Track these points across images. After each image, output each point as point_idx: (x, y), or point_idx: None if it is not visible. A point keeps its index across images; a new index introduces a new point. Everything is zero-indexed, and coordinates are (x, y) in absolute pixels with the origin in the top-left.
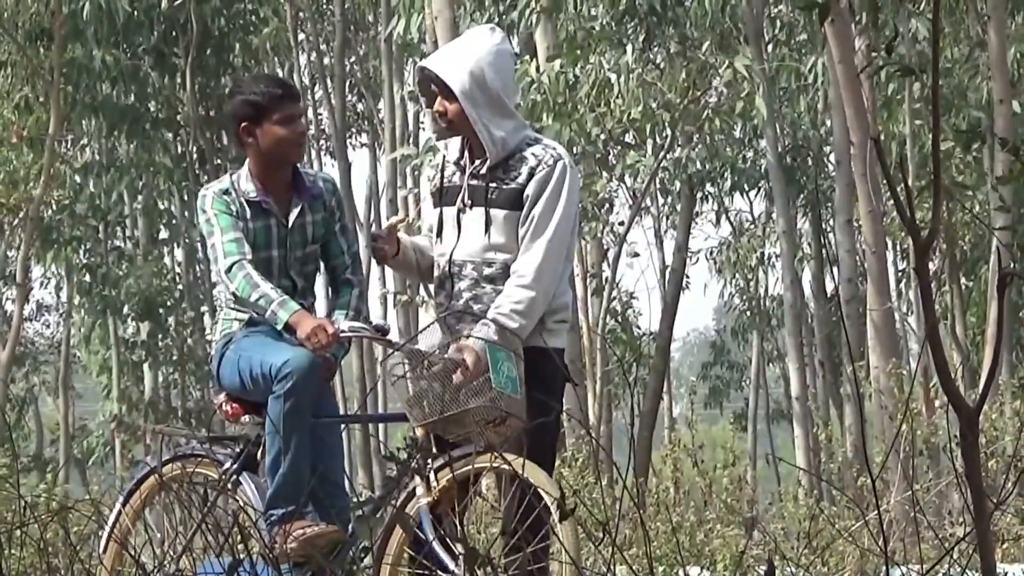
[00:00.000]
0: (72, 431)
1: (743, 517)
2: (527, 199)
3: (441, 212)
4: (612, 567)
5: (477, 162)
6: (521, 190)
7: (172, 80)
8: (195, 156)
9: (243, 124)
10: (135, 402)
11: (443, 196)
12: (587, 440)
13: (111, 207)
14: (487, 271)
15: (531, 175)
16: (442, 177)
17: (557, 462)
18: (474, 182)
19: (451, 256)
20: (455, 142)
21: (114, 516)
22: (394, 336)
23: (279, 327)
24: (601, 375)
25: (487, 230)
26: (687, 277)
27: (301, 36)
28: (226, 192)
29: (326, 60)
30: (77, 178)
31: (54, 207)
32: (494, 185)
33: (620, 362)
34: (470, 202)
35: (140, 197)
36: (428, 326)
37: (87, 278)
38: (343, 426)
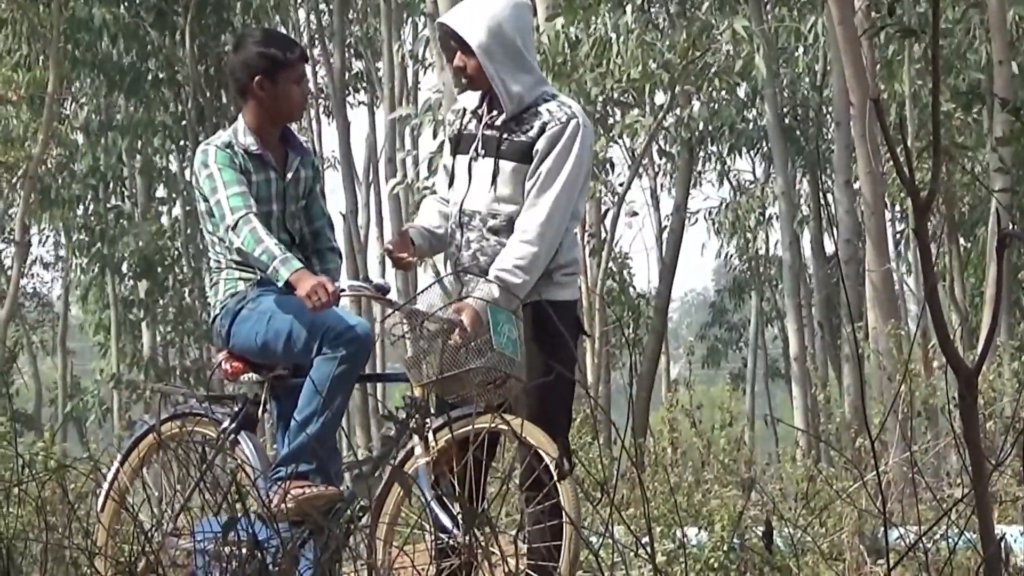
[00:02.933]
0: (69, 390)
1: (741, 478)
2: (536, 154)
3: (455, 160)
4: (610, 527)
5: (494, 113)
6: (532, 144)
7: (172, 39)
8: (194, 115)
9: (258, 77)
10: (134, 361)
11: (459, 144)
12: (586, 400)
13: (110, 166)
14: (492, 223)
15: (543, 130)
16: (461, 125)
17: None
18: (488, 132)
19: (462, 205)
20: (474, 93)
21: (112, 474)
22: (393, 296)
23: (279, 284)
24: (600, 335)
25: (494, 181)
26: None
27: None
28: (228, 146)
29: (325, 19)
30: (76, 137)
31: (53, 166)
32: (506, 137)
33: (618, 322)
34: (483, 152)
35: (139, 156)
36: (429, 286)
37: (85, 237)
38: None
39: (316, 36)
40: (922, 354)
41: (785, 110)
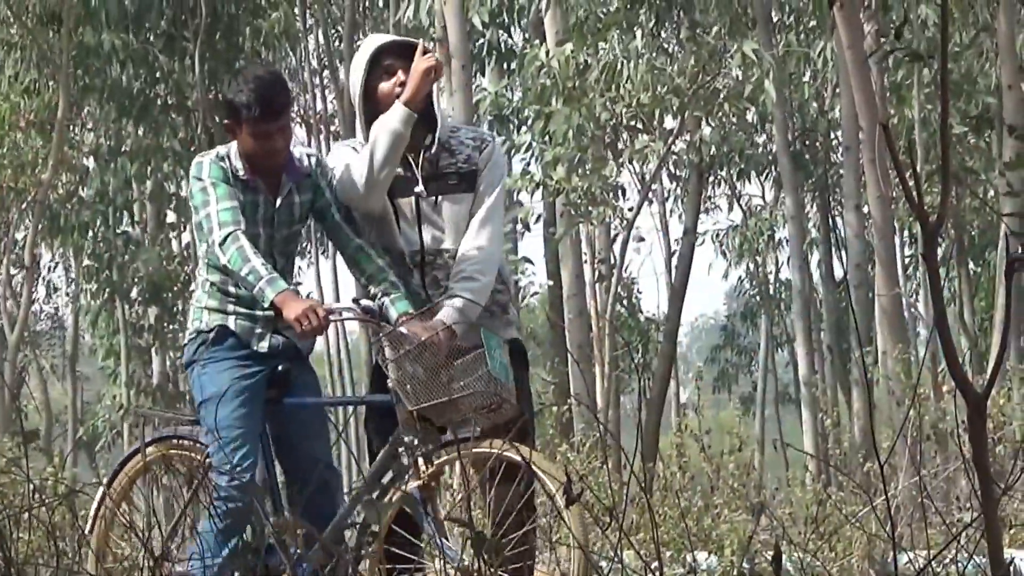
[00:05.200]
0: (79, 415)
1: (750, 502)
2: (479, 173)
3: (392, 203)
4: (620, 552)
5: (425, 150)
6: (475, 169)
7: (181, 64)
8: (204, 140)
9: (226, 121)
10: (143, 387)
11: (392, 187)
12: (595, 425)
13: (119, 191)
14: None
15: (480, 151)
16: None
17: (564, 447)
18: (427, 170)
19: (422, 246)
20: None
21: (98, 499)
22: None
23: (265, 304)
24: (609, 360)
25: (460, 215)
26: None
27: (310, 20)
28: (222, 159)
29: (335, 45)
30: (86, 162)
31: (62, 191)
32: (450, 171)
33: (627, 346)
34: (430, 188)
35: (148, 182)
36: (425, 309)
37: (94, 263)
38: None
39: (325, 60)
40: (931, 378)
41: (795, 134)
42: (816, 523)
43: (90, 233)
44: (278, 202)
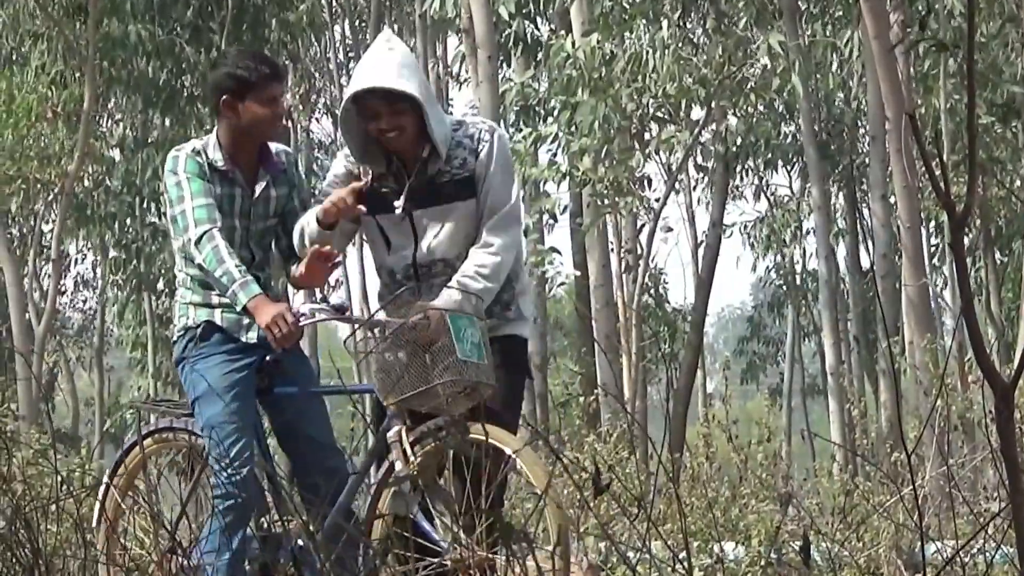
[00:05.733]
0: (107, 407)
1: (778, 492)
2: (480, 178)
3: (377, 220)
4: (647, 542)
5: (422, 163)
6: (471, 174)
7: (208, 56)
8: None
9: (224, 97)
10: (170, 378)
11: (376, 205)
12: (622, 415)
13: (145, 183)
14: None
15: (476, 154)
16: (367, 189)
17: (592, 437)
18: (417, 182)
19: (414, 259)
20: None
21: (102, 491)
22: (357, 311)
23: (238, 308)
24: (636, 351)
25: (459, 225)
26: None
27: (336, 11)
28: (197, 154)
29: (361, 36)
30: (112, 153)
31: (89, 183)
32: (446, 180)
33: (654, 337)
34: (421, 202)
35: None
36: (391, 299)
37: (121, 255)
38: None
39: (352, 53)
40: (958, 368)
41: (821, 124)
42: (844, 513)
43: (116, 224)
44: (255, 194)
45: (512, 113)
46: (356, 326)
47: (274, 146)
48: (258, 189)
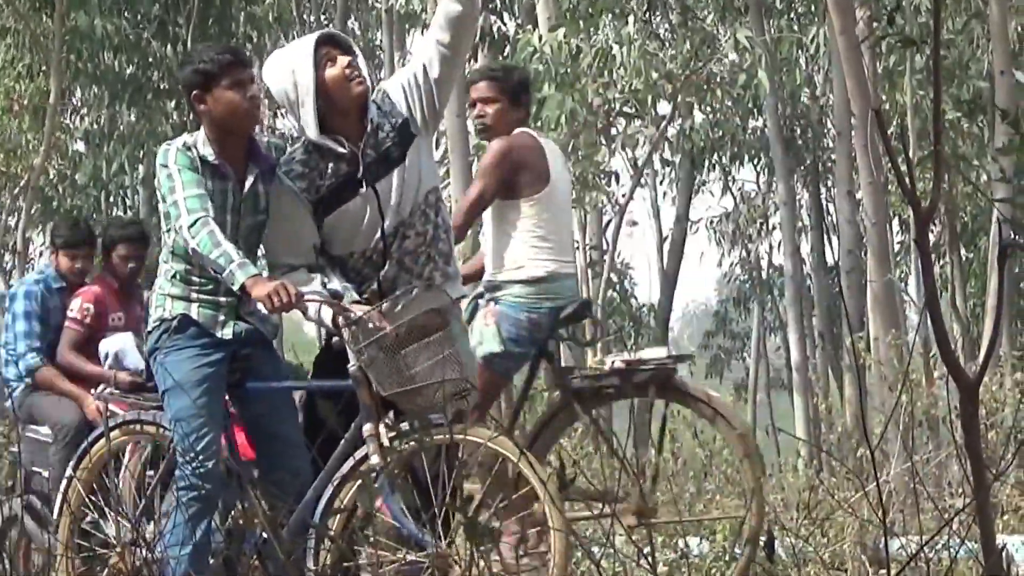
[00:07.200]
0: None
1: (742, 488)
2: (400, 103)
3: (339, 206)
4: (611, 537)
5: (368, 137)
6: (405, 120)
7: (174, 49)
8: (196, 125)
9: (194, 92)
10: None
11: (337, 193)
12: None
13: (112, 177)
14: (431, 198)
15: (392, 101)
16: (322, 181)
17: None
18: (370, 156)
19: (382, 231)
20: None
21: (64, 485)
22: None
23: (235, 288)
24: (601, 346)
25: (416, 172)
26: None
27: (304, 6)
28: (188, 148)
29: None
30: (78, 147)
31: (54, 176)
32: (389, 142)
33: (620, 332)
34: (381, 170)
35: (140, 167)
36: (395, 297)
37: None
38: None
39: None
40: (923, 364)
41: (787, 120)
42: (808, 508)
43: (83, 218)
44: (245, 189)
45: None
46: (347, 317)
47: (265, 140)
48: (248, 183)
